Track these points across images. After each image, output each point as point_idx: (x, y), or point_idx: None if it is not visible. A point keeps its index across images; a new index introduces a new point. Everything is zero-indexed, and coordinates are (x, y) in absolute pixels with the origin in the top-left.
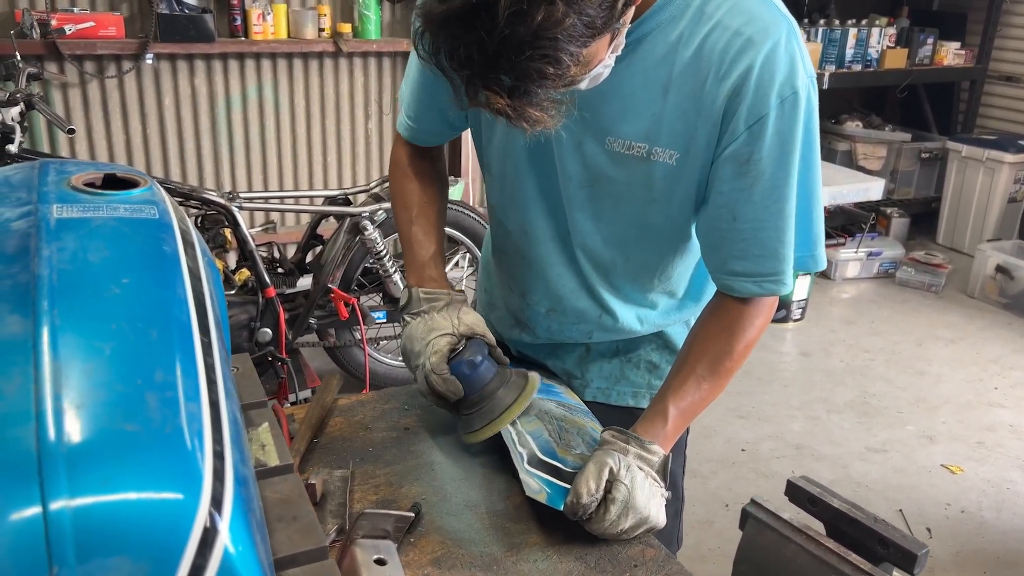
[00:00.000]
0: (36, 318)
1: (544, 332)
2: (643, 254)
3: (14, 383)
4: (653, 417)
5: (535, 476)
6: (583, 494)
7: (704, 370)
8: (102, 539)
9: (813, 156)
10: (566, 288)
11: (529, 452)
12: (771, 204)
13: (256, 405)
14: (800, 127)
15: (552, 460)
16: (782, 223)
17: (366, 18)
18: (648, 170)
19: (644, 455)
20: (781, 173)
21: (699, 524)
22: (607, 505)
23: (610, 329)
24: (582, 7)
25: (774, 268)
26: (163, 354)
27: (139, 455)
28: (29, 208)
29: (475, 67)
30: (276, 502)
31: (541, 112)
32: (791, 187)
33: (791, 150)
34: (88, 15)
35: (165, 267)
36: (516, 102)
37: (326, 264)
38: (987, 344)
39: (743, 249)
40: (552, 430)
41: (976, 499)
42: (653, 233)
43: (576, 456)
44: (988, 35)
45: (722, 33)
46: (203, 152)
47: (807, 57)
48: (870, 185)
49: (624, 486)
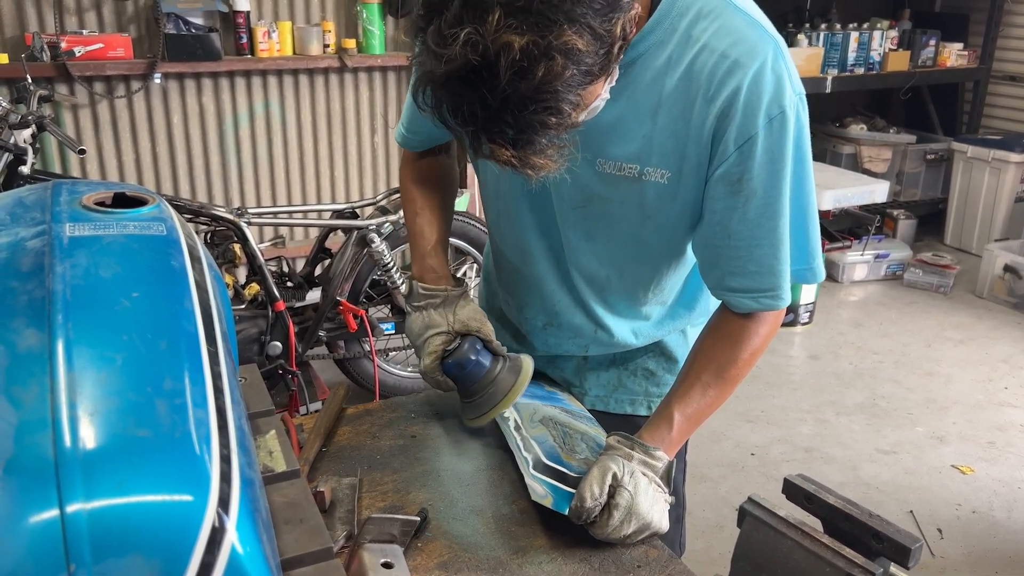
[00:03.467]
0: (51, 331)
1: (542, 345)
2: (637, 269)
3: (31, 392)
4: (658, 423)
5: (540, 481)
6: (587, 498)
7: (709, 377)
8: (116, 539)
9: (805, 172)
10: (561, 304)
11: (534, 457)
12: (764, 222)
13: (263, 414)
14: (790, 145)
15: (557, 465)
16: (776, 239)
17: (370, 33)
18: (640, 189)
19: (648, 461)
20: (773, 191)
21: (709, 528)
22: (610, 510)
23: (606, 343)
24: (580, 58)
25: (771, 284)
26: (172, 364)
27: (150, 459)
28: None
29: (479, 123)
30: (283, 505)
31: (545, 159)
32: (783, 204)
33: (782, 168)
34: (97, 37)
35: (173, 281)
36: (520, 152)
37: (334, 277)
38: (997, 344)
39: (739, 266)
40: (556, 435)
41: (987, 499)
42: (647, 250)
43: (581, 461)
44: (990, 35)
45: (709, 56)
46: (211, 169)
47: (795, 75)
48: (875, 187)
49: (627, 492)
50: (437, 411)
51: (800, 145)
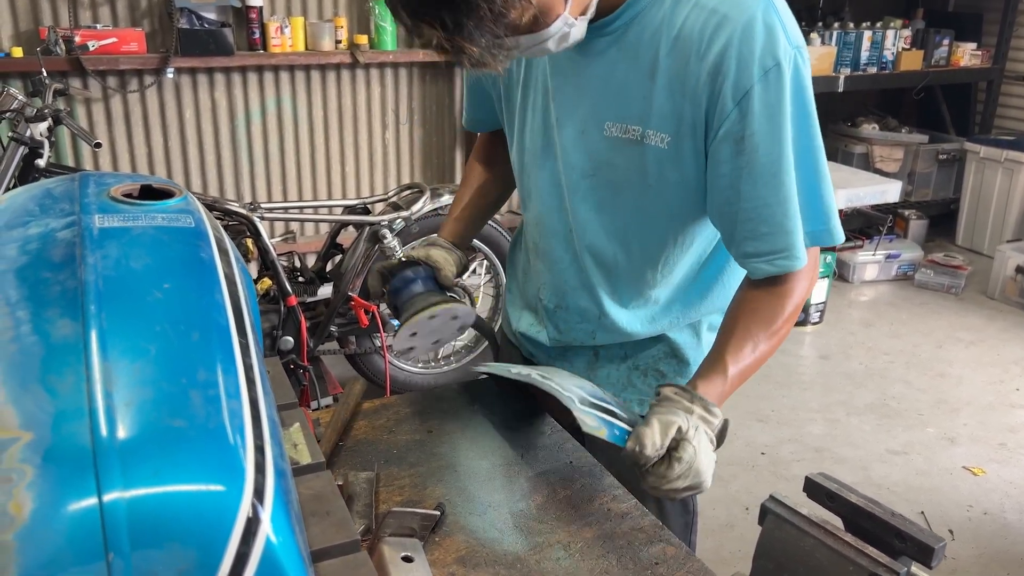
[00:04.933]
0: (85, 321)
1: (553, 330)
2: (643, 246)
3: (67, 382)
4: (712, 376)
5: (591, 414)
6: (647, 445)
7: (759, 331)
8: (154, 528)
9: (810, 128)
10: (569, 285)
11: (579, 396)
12: (770, 179)
13: (287, 406)
14: (788, 98)
15: (603, 403)
16: (783, 196)
17: (382, 29)
18: (642, 154)
19: (708, 417)
20: (776, 147)
21: (720, 527)
22: (671, 462)
23: (611, 330)
24: None
25: (784, 244)
26: (204, 355)
27: (186, 449)
28: (73, 219)
29: (413, 4)
30: (309, 498)
31: (480, 50)
32: (787, 160)
33: (782, 122)
34: (111, 31)
35: (203, 273)
36: (453, 37)
37: (346, 272)
38: (1008, 345)
39: (751, 229)
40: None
41: (999, 501)
42: (649, 222)
43: (629, 412)
44: (1004, 35)
45: (699, 13)
46: (224, 164)
47: (791, 28)
48: (887, 187)
49: (692, 447)
50: (453, 406)
51: (801, 99)
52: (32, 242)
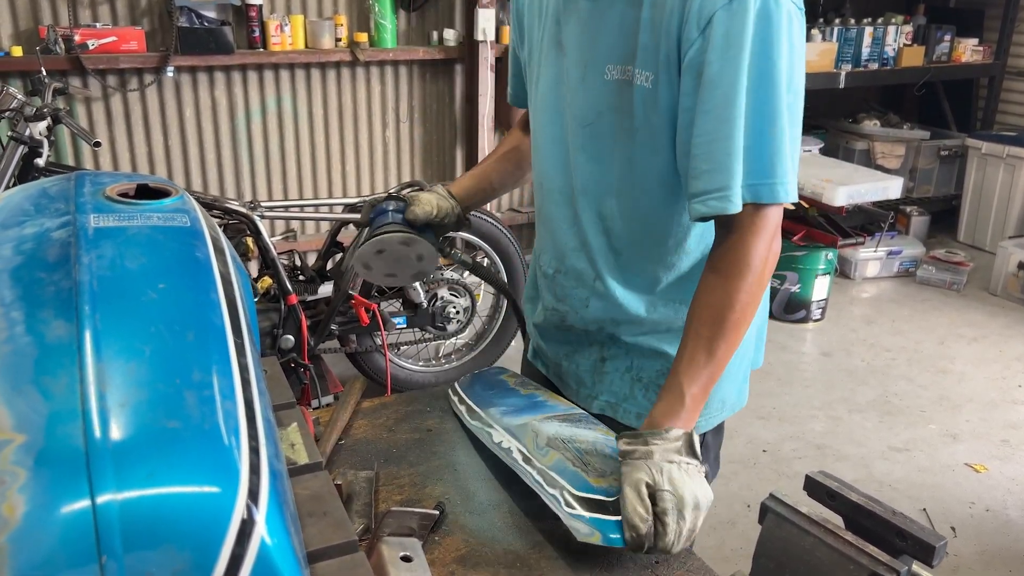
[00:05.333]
0: (79, 322)
1: (551, 298)
2: (635, 203)
3: (61, 384)
4: (669, 399)
5: (580, 519)
6: (638, 524)
7: (708, 331)
8: (147, 530)
9: (771, 71)
10: (568, 246)
11: (563, 493)
12: (720, 112)
13: (285, 406)
14: (750, 32)
15: (590, 495)
16: (728, 134)
17: (382, 27)
18: (630, 95)
19: (665, 446)
20: (728, 79)
21: (721, 524)
22: (662, 520)
23: (604, 297)
24: None
25: (720, 183)
26: (199, 355)
27: (180, 450)
28: (68, 218)
29: None
30: (307, 498)
31: None
32: (739, 95)
33: (739, 54)
34: (110, 30)
35: (198, 273)
36: None
37: (346, 271)
38: (1010, 341)
39: (695, 167)
40: (572, 457)
41: (1001, 497)
42: (639, 172)
43: (610, 479)
44: (1006, 31)
45: None
46: (224, 162)
47: None
48: (889, 184)
49: (667, 493)
50: (453, 405)
51: (765, 37)
52: (27, 242)
